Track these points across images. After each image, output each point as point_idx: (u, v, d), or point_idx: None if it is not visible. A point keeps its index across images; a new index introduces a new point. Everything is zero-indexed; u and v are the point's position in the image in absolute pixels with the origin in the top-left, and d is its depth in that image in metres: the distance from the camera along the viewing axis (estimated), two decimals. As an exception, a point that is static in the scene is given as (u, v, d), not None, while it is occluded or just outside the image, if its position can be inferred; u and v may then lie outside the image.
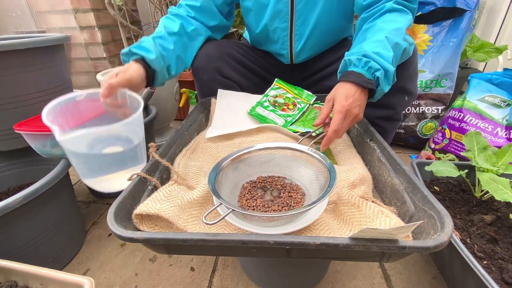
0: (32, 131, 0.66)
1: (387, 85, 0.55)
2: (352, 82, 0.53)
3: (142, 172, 0.43)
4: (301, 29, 0.76)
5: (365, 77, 0.53)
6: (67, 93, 0.52)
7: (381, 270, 0.69)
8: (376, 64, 0.52)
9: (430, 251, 0.30)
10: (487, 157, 0.69)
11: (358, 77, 0.53)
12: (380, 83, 0.53)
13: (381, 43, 0.54)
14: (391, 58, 0.53)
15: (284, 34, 0.78)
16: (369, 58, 0.53)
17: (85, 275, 0.61)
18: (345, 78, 0.54)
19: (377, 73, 0.52)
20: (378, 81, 0.53)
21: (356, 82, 0.53)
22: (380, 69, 0.52)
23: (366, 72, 0.53)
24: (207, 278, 0.67)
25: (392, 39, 0.55)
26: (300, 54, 0.83)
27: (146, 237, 0.32)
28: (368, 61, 0.53)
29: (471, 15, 1.10)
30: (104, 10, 1.47)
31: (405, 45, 0.56)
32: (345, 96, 0.52)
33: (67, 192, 0.73)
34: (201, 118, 0.75)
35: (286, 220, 0.38)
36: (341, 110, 0.51)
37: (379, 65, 0.52)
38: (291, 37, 0.78)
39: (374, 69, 0.53)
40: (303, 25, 0.75)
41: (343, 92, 0.53)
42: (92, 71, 1.58)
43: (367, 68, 0.53)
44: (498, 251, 0.55)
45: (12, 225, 0.58)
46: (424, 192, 0.38)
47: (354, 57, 0.55)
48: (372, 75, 0.53)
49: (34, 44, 0.70)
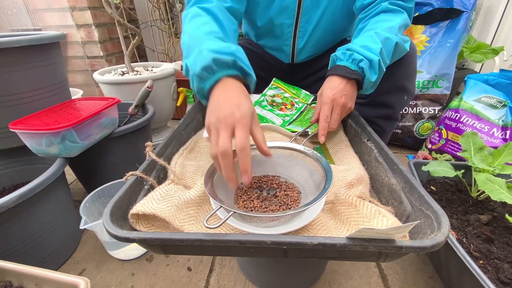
0: (27, 129, 0.65)
1: (374, 74, 0.56)
2: (337, 74, 0.56)
3: (138, 172, 0.43)
4: (306, 26, 0.76)
5: (350, 69, 0.56)
6: (64, 92, 0.52)
7: (378, 269, 0.69)
8: (359, 55, 0.55)
9: (427, 251, 0.30)
10: (483, 158, 0.69)
11: (343, 70, 0.56)
12: (366, 73, 0.55)
13: (369, 37, 0.57)
14: (378, 50, 0.55)
15: (288, 30, 0.78)
16: (353, 50, 0.56)
17: (81, 275, 0.61)
18: (331, 72, 0.58)
19: (361, 63, 0.55)
20: (363, 71, 0.55)
21: (340, 74, 0.56)
22: (363, 60, 0.55)
23: (350, 64, 0.56)
24: (204, 278, 0.67)
25: (382, 34, 0.57)
26: (302, 52, 0.83)
27: (142, 237, 0.32)
28: (351, 54, 0.56)
29: (468, 16, 1.11)
30: (101, 8, 1.46)
31: (396, 39, 0.58)
32: (330, 88, 0.56)
33: (63, 191, 0.72)
34: (198, 118, 0.74)
35: (284, 220, 0.38)
36: (326, 102, 0.56)
37: (362, 56, 0.55)
38: (295, 34, 0.78)
39: (358, 60, 0.55)
40: (308, 22, 0.75)
41: (329, 85, 0.57)
42: (89, 69, 1.57)
43: (351, 60, 0.56)
44: (494, 251, 0.56)
45: (7, 225, 0.58)
46: (421, 192, 0.38)
47: (339, 52, 0.58)
48: (357, 66, 0.56)
49: (29, 42, 0.69)
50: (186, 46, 0.53)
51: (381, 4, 0.62)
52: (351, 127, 0.67)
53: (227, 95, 0.42)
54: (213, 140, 0.39)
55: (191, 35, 0.52)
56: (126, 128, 0.86)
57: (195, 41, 0.50)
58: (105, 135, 0.80)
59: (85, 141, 0.73)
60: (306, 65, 0.89)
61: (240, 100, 0.41)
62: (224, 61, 0.44)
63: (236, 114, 0.38)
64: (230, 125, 0.38)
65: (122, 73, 1.29)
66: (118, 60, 1.65)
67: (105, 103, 0.80)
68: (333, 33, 0.81)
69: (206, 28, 0.53)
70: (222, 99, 0.42)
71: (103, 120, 0.78)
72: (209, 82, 0.45)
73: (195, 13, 0.57)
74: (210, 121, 0.41)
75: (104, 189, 0.74)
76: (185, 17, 0.59)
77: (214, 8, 0.58)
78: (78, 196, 0.98)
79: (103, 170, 0.89)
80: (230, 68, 0.45)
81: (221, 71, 0.45)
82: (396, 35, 0.58)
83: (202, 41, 0.48)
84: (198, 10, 0.58)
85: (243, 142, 0.37)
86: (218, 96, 0.43)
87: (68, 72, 1.60)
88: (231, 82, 0.45)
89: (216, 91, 0.44)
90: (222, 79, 0.45)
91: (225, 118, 0.38)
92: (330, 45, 0.85)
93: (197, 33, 0.51)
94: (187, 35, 0.53)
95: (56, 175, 0.65)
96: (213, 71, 0.44)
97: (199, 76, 0.45)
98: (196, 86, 0.48)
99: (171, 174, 0.47)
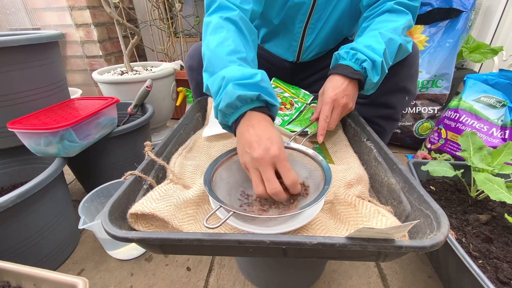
0: (26, 129, 0.65)
1: (376, 75, 0.56)
2: (339, 74, 0.56)
3: (137, 171, 0.43)
4: (316, 23, 0.76)
5: (352, 68, 0.55)
6: (62, 91, 0.51)
7: (377, 269, 0.69)
8: (362, 55, 0.54)
9: (426, 250, 0.30)
10: (483, 157, 0.69)
11: (346, 69, 0.56)
12: (368, 74, 0.55)
13: (374, 38, 0.56)
14: (382, 51, 0.54)
15: (299, 26, 0.77)
16: (356, 50, 0.55)
17: (79, 275, 0.60)
18: (334, 71, 0.57)
19: (364, 63, 0.54)
20: (366, 72, 0.55)
21: (343, 74, 0.55)
22: (366, 60, 0.54)
23: (353, 63, 0.56)
24: (203, 278, 0.67)
25: (386, 35, 0.56)
26: (308, 49, 0.83)
27: (140, 237, 0.32)
28: (355, 53, 0.55)
29: (467, 16, 1.11)
30: (100, 7, 1.46)
31: (400, 41, 0.57)
32: (332, 88, 0.56)
33: (62, 191, 0.72)
34: (197, 117, 0.74)
35: (285, 219, 0.38)
36: (328, 101, 0.55)
37: (365, 56, 0.54)
38: (305, 31, 0.78)
39: (361, 60, 0.55)
40: (319, 20, 0.75)
41: (331, 84, 0.56)
42: (88, 69, 1.56)
43: (354, 60, 0.55)
44: (493, 251, 0.56)
45: (6, 225, 0.57)
46: (420, 192, 0.38)
47: (343, 50, 0.58)
48: (360, 66, 0.55)
49: (28, 41, 0.69)
50: (207, 60, 0.52)
51: (387, 4, 0.62)
52: (351, 126, 0.67)
53: (255, 130, 0.42)
54: (256, 179, 0.40)
55: (213, 51, 0.51)
56: (125, 128, 0.86)
57: (218, 61, 0.50)
58: (104, 134, 0.80)
59: (84, 140, 0.72)
60: (308, 64, 0.89)
61: (271, 133, 0.42)
62: (249, 97, 0.43)
63: (272, 150, 0.39)
64: (270, 162, 0.39)
65: (121, 73, 1.29)
66: (117, 59, 1.65)
67: (104, 103, 0.80)
68: (339, 32, 0.81)
69: (229, 45, 0.51)
70: (252, 135, 0.41)
71: (102, 120, 0.78)
72: (233, 117, 0.45)
73: (218, 25, 0.55)
74: (245, 161, 0.41)
75: (103, 188, 0.74)
76: (207, 25, 0.57)
77: (237, 17, 0.56)
78: (77, 195, 0.98)
79: (102, 170, 0.89)
80: (255, 102, 0.45)
81: (245, 105, 0.44)
82: (399, 36, 0.58)
83: (225, 64, 0.48)
84: (220, 21, 0.55)
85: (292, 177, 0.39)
86: (247, 133, 0.42)
87: (67, 72, 1.59)
88: (257, 115, 0.44)
89: (243, 127, 0.44)
90: (247, 113, 0.45)
91: (263, 157, 0.39)
92: (334, 44, 0.85)
93: (219, 51, 0.50)
94: (209, 50, 0.52)
95: (55, 174, 0.64)
96: (238, 106, 0.44)
97: (223, 112, 0.45)
98: (220, 119, 0.48)
99: (170, 174, 0.47)
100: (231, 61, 0.49)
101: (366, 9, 0.67)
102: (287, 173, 0.39)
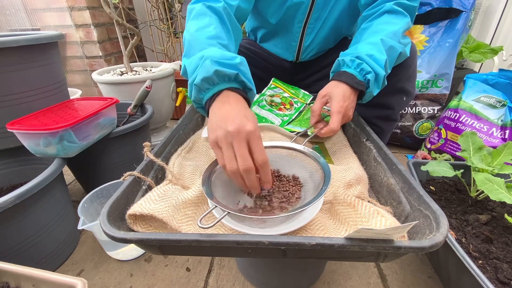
0: (25, 130, 0.65)
1: (377, 88, 0.56)
2: (345, 82, 0.55)
3: (136, 172, 0.43)
4: (315, 23, 0.76)
5: (357, 78, 0.55)
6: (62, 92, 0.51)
7: (377, 269, 0.69)
8: (368, 66, 0.54)
9: (425, 251, 0.30)
10: (483, 157, 0.69)
11: (350, 78, 0.55)
12: (370, 86, 0.55)
13: (376, 46, 0.55)
14: (383, 62, 0.54)
15: (298, 26, 0.77)
16: (362, 60, 0.54)
17: (79, 276, 0.60)
18: (338, 78, 0.56)
19: (368, 75, 0.54)
20: (369, 83, 0.55)
21: (348, 83, 0.54)
22: (371, 72, 0.54)
23: (358, 73, 0.55)
24: (202, 279, 0.67)
25: (387, 42, 0.56)
26: (307, 49, 0.83)
27: (139, 238, 0.32)
28: (360, 63, 0.54)
29: (467, 16, 1.11)
30: (100, 8, 1.46)
31: (400, 49, 0.58)
32: (343, 97, 0.54)
33: (61, 191, 0.72)
34: (197, 118, 0.74)
35: (282, 220, 0.38)
36: (340, 111, 0.53)
37: (370, 68, 0.54)
38: (304, 31, 0.78)
39: (366, 72, 0.54)
40: (318, 20, 0.75)
41: (340, 92, 0.54)
42: (88, 69, 1.57)
43: (359, 70, 0.55)
44: (493, 251, 0.56)
45: (5, 225, 0.57)
46: (420, 192, 0.38)
47: (347, 58, 0.56)
48: (363, 77, 0.55)
49: (27, 42, 0.69)
50: (186, 44, 0.51)
51: (386, 4, 0.61)
52: (350, 127, 0.67)
53: (232, 107, 0.41)
54: (228, 155, 0.38)
55: (194, 35, 0.50)
56: (124, 128, 0.86)
57: (198, 44, 0.48)
58: (104, 135, 0.80)
59: (84, 141, 0.72)
60: (308, 64, 0.89)
61: (247, 111, 0.40)
62: (227, 74, 0.42)
63: (248, 126, 0.37)
64: (245, 138, 0.37)
65: (121, 73, 1.29)
66: (117, 60, 1.65)
67: (103, 103, 0.80)
68: (338, 31, 0.81)
69: (210, 31, 0.51)
70: (227, 111, 0.40)
71: (102, 120, 0.78)
72: (208, 93, 0.44)
73: (201, 11, 0.55)
74: (218, 135, 0.39)
75: (102, 189, 0.74)
76: (189, 12, 0.56)
77: (221, 9, 0.56)
78: (77, 196, 0.98)
79: (102, 170, 0.88)
80: (232, 81, 0.44)
81: (222, 83, 0.43)
82: (399, 41, 0.57)
83: (204, 46, 0.47)
84: (204, 9, 0.55)
85: (264, 157, 0.37)
86: (222, 109, 0.41)
87: (67, 72, 1.59)
88: (233, 95, 0.43)
89: (218, 104, 0.42)
90: (223, 92, 0.43)
91: (238, 131, 0.37)
92: (333, 43, 0.85)
93: (200, 35, 0.50)
94: (189, 33, 0.51)
95: (54, 175, 0.64)
96: (214, 82, 0.43)
97: (199, 87, 0.44)
98: (194, 96, 0.46)
99: (169, 174, 0.47)
100: (211, 44, 0.48)
101: (365, 8, 0.67)
102: (259, 151, 0.37)
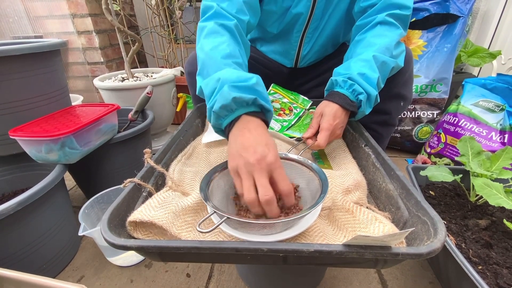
0: (27, 136, 0.66)
1: (369, 108, 0.58)
2: (337, 103, 0.56)
3: (136, 179, 0.43)
4: (313, 33, 0.77)
5: (349, 99, 0.56)
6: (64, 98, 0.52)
7: (378, 275, 0.69)
8: (360, 88, 0.55)
9: (423, 257, 0.30)
10: (481, 162, 0.69)
11: (343, 99, 0.56)
12: (362, 106, 0.56)
13: (368, 63, 0.56)
14: (376, 80, 0.55)
15: (296, 35, 0.78)
16: (354, 81, 0.55)
17: (79, 282, 0.61)
18: (331, 98, 0.57)
19: (360, 96, 0.55)
20: (361, 103, 0.56)
21: (340, 104, 0.56)
22: (363, 93, 0.55)
23: (350, 94, 0.56)
24: (203, 285, 0.67)
25: (379, 58, 0.56)
26: (306, 57, 0.84)
27: (139, 245, 0.32)
28: (352, 84, 0.55)
29: (464, 21, 1.12)
30: (102, 15, 1.48)
31: (393, 64, 0.59)
32: (333, 116, 0.56)
33: (62, 197, 0.72)
34: (197, 123, 0.75)
35: (281, 227, 0.38)
36: (328, 128, 0.55)
37: (362, 89, 0.55)
38: (302, 39, 0.79)
39: (358, 92, 0.55)
40: (316, 29, 0.76)
41: (332, 111, 0.56)
42: (89, 75, 1.58)
43: (351, 91, 0.56)
44: (493, 256, 0.56)
45: (6, 232, 0.58)
46: (418, 198, 0.38)
47: (340, 78, 0.57)
48: (356, 97, 0.56)
49: (30, 50, 0.70)
50: (201, 63, 0.52)
51: (378, 16, 0.62)
52: (349, 132, 0.67)
53: (252, 134, 0.40)
54: (247, 185, 0.37)
55: (208, 53, 0.51)
56: (125, 134, 0.86)
57: (213, 63, 0.49)
58: (105, 141, 0.81)
59: (85, 147, 0.73)
60: (307, 70, 0.89)
61: (268, 139, 0.40)
62: (245, 100, 0.42)
63: (269, 157, 0.37)
64: (266, 169, 0.37)
65: (122, 79, 1.30)
66: (118, 66, 1.66)
67: (104, 110, 0.81)
68: (335, 39, 0.82)
69: (224, 50, 0.51)
70: (248, 139, 0.40)
71: (103, 127, 0.78)
72: (227, 119, 0.44)
73: (213, 29, 0.55)
74: (239, 164, 0.38)
75: (103, 195, 0.75)
76: (201, 30, 0.57)
77: (232, 26, 0.56)
78: (78, 202, 0.98)
79: (103, 176, 0.89)
80: (250, 106, 0.44)
81: (240, 109, 0.43)
82: (391, 55, 0.58)
83: (220, 66, 0.48)
84: (215, 26, 0.55)
85: (289, 186, 0.38)
86: (242, 136, 0.41)
87: (69, 78, 1.61)
88: (252, 120, 0.43)
89: (238, 130, 0.42)
90: (241, 117, 0.43)
91: (259, 162, 0.37)
92: (331, 50, 0.86)
93: (215, 54, 0.50)
94: (204, 52, 0.52)
95: (56, 181, 0.65)
96: (233, 109, 0.43)
97: (217, 114, 0.44)
98: (213, 122, 0.46)
99: (169, 181, 0.48)
100: (226, 64, 0.49)
101: (358, 16, 0.67)
102: (283, 181, 0.37)
